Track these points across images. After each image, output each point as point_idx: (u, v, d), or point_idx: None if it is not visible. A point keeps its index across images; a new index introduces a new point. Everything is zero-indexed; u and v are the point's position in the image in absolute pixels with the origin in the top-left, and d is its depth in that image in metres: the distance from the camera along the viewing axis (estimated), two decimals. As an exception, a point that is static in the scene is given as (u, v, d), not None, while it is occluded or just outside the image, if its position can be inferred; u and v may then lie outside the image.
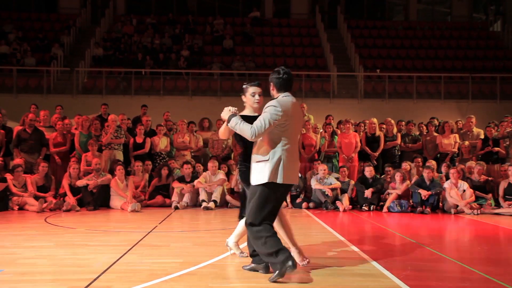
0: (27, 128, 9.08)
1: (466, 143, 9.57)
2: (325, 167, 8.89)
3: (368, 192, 8.55)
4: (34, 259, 4.35)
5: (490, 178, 8.73)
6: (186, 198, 8.55)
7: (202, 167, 9.26)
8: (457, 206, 8.20)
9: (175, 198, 8.52)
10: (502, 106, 14.91)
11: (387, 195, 8.60)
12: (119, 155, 9.25)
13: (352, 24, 19.97)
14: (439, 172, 9.05)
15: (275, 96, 3.81)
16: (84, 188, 8.27)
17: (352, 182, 9.00)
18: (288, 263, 3.49)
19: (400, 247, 5.32)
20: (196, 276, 3.79)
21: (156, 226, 6.38)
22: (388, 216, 7.98)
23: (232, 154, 10.30)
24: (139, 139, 9.54)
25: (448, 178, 8.56)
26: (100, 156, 8.91)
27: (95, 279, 3.64)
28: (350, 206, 8.62)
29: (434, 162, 9.04)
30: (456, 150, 9.64)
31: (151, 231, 5.93)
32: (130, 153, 9.51)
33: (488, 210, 8.16)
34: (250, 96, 3.95)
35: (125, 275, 3.80)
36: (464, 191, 8.25)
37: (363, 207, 8.52)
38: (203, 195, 8.46)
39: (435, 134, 9.86)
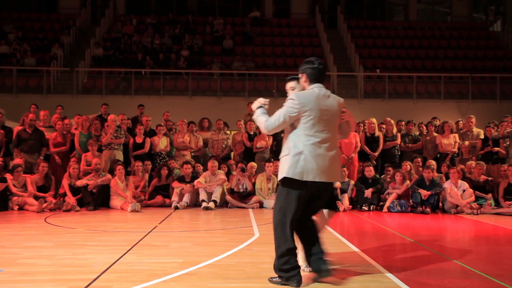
0: (27, 128, 9.08)
1: (466, 143, 9.57)
2: (324, 167, 8.87)
3: (368, 192, 8.55)
4: (34, 259, 4.35)
5: (490, 178, 8.72)
6: (186, 198, 8.55)
7: (202, 167, 9.27)
8: (457, 206, 8.21)
9: (175, 198, 8.52)
10: (502, 106, 14.92)
11: (387, 195, 8.60)
12: (119, 155, 9.25)
13: (352, 24, 19.97)
14: (439, 172, 9.05)
15: (306, 88, 3.65)
16: (84, 188, 8.27)
17: (352, 182, 9.00)
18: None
19: (400, 247, 5.32)
20: (195, 276, 3.79)
21: (156, 226, 6.38)
22: (388, 216, 7.98)
23: (232, 154, 10.31)
24: (139, 139, 9.54)
25: (448, 178, 8.56)
26: (100, 156, 8.91)
27: (95, 279, 3.64)
28: (350, 206, 8.62)
29: (434, 162, 9.04)
30: (456, 150, 9.64)
31: (151, 231, 5.93)
32: (130, 153, 9.52)
33: (488, 210, 8.16)
34: (289, 91, 3.87)
35: (124, 275, 3.80)
36: (464, 191, 8.25)
37: (363, 207, 8.52)
38: (203, 195, 8.45)
39: (435, 134, 9.86)
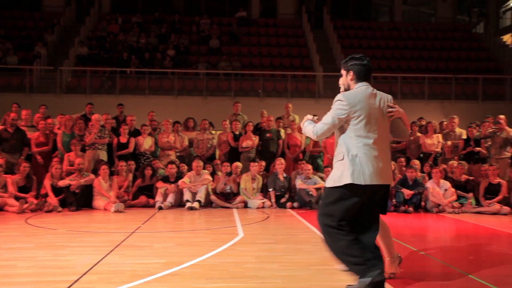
0: (9, 128, 8.95)
1: (449, 143, 9.68)
2: (309, 167, 8.93)
3: (352, 192, 8.59)
4: (14, 261, 4.29)
5: (471, 178, 8.84)
6: (170, 198, 8.51)
7: (186, 167, 9.24)
8: (439, 205, 8.30)
9: (159, 198, 8.47)
10: (484, 106, 15.12)
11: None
12: (103, 155, 9.16)
13: (338, 24, 20.07)
14: (422, 172, 9.14)
15: (352, 87, 3.49)
16: (67, 189, 8.17)
17: (337, 182, 9.03)
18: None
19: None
20: (179, 277, 3.78)
21: (140, 227, 6.34)
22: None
23: (217, 154, 10.30)
24: (123, 139, 9.47)
25: (430, 177, 8.65)
26: (83, 156, 8.82)
27: (76, 281, 3.61)
28: (335, 206, 8.65)
29: (417, 162, 9.13)
30: (440, 150, 9.75)
31: (134, 232, 5.89)
32: (114, 153, 9.44)
33: (469, 209, 8.27)
34: None
35: (107, 276, 3.77)
36: (446, 190, 8.35)
37: (347, 207, 8.56)
38: (187, 195, 8.42)
39: (418, 134, 9.95)
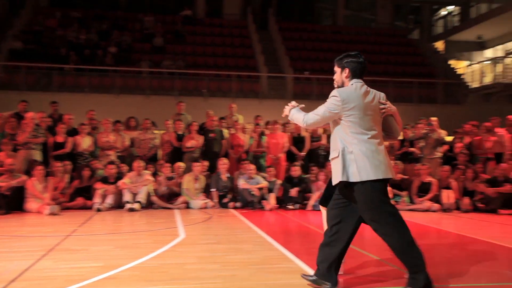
0: None
1: (386, 143, 10.04)
2: (252, 167, 8.99)
3: (293, 191, 8.75)
4: None
5: (406, 177, 9.25)
6: (110, 200, 8.25)
7: (127, 167, 9.01)
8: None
9: (97, 199, 8.19)
10: (419, 109, 15.88)
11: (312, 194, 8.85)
12: (37, 155, 8.73)
13: (283, 26, 20.35)
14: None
15: (346, 84, 3.48)
16: (-4, 191, 7.72)
17: (279, 182, 9.17)
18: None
19: (322, 244, 5.48)
20: (116, 280, 3.67)
21: (76, 230, 6.10)
22: (313, 214, 8.20)
23: (159, 154, 10.11)
24: (59, 138, 9.08)
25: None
26: (15, 156, 8.36)
27: (2, 288, 3.41)
28: (276, 205, 8.77)
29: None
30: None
31: (69, 235, 5.66)
32: (49, 153, 9.03)
33: (403, 206, 8.64)
34: None
35: (38, 282, 3.59)
36: (383, 189, 8.67)
37: (289, 206, 8.71)
38: (127, 196, 8.21)
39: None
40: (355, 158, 3.32)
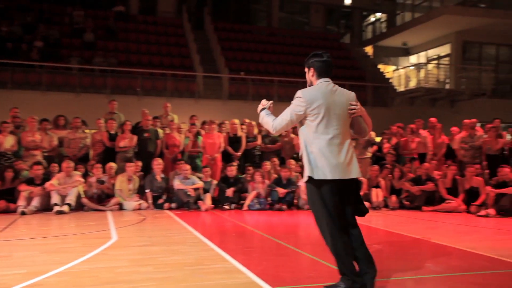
0: None
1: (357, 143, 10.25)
2: (188, 167, 8.89)
3: (229, 191, 8.77)
4: None
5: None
6: (36, 202, 7.81)
7: (57, 168, 8.57)
8: (310, 203, 8.82)
9: (21, 202, 7.71)
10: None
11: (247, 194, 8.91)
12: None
13: (219, 26, 20.29)
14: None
15: (314, 83, 3.51)
16: None
17: (215, 182, 9.14)
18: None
19: (258, 244, 5.54)
20: (41, 287, 3.47)
21: (-3, 235, 5.72)
22: (248, 214, 8.27)
23: (91, 154, 9.73)
24: (-21, 137, 8.47)
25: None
26: None
27: None
28: (212, 205, 8.74)
29: (293, 162, 9.59)
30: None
31: (-10, 241, 5.29)
32: (-32, 153, 8.40)
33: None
34: None
35: (-48, 292, 3.32)
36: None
37: (225, 206, 8.71)
38: (55, 199, 7.82)
39: (292, 136, 10.47)
40: (314, 157, 3.35)
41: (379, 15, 23.84)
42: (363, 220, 3.50)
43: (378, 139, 10.98)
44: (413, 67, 19.63)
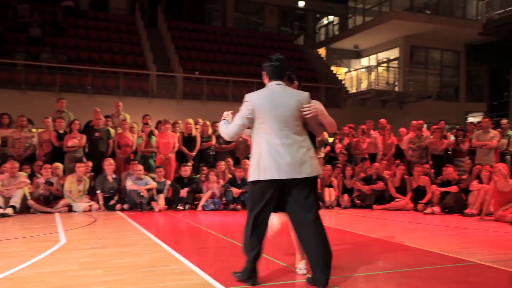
0: None
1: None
2: (140, 167, 8.72)
3: (183, 192, 8.67)
4: None
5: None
6: (-23, 205, 7.42)
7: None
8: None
9: (-40, 205, 7.31)
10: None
11: (202, 195, 8.84)
12: None
13: (172, 25, 20.04)
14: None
15: (267, 85, 3.60)
16: None
17: (168, 182, 9.02)
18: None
19: (212, 244, 5.51)
20: (-18, 294, 3.30)
21: None
22: (203, 214, 8.21)
23: (37, 154, 9.35)
24: None
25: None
26: None
27: None
28: (165, 206, 8.61)
29: (247, 162, 9.61)
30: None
31: None
32: None
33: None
34: None
35: None
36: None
37: (179, 207, 8.61)
38: (-2, 201, 7.46)
39: (246, 136, 10.49)
40: (258, 158, 3.43)
41: (331, 18, 24.34)
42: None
43: (330, 139, 11.21)
44: (364, 70, 20.18)
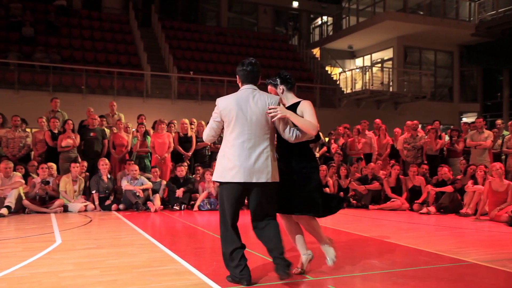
0: None
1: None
2: (136, 167, 8.70)
3: (179, 192, 8.65)
4: None
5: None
6: (-29, 205, 7.37)
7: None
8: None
9: (-45, 205, 7.26)
10: (298, 111, 16.73)
11: (198, 195, 8.84)
12: None
13: (166, 24, 19.98)
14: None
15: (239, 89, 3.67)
16: None
17: (164, 182, 9.00)
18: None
19: (209, 244, 5.51)
20: (-22, 295, 3.28)
21: None
22: (199, 214, 8.20)
23: (32, 154, 9.30)
24: None
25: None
26: None
27: None
28: (161, 206, 8.59)
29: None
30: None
31: None
32: None
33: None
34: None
35: None
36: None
37: (175, 207, 8.60)
38: (-7, 201, 7.41)
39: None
40: (220, 160, 3.56)
41: (325, 18, 24.38)
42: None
43: (325, 140, 11.24)
44: (358, 70, 20.24)
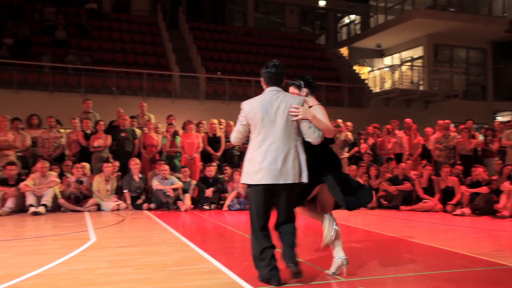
0: None
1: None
2: (166, 167, 8.81)
3: (209, 192, 8.72)
4: None
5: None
6: (10, 203, 7.62)
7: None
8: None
9: (-5, 204, 7.51)
10: (326, 111, 16.62)
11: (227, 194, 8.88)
12: None
13: (194, 26, 20.16)
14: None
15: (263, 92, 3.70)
16: None
17: (194, 182, 9.08)
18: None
19: (239, 244, 5.52)
20: (18, 290, 3.38)
21: (-30, 237, 5.53)
22: (228, 214, 8.24)
23: (66, 154, 9.54)
24: None
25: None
26: None
27: None
28: (191, 205, 8.68)
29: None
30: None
31: (-38, 243, 5.12)
32: None
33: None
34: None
35: None
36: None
37: (204, 206, 8.67)
38: (30, 199, 7.64)
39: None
40: (247, 162, 3.58)
41: (353, 17, 24.12)
42: (341, 219, 3.56)
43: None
44: (387, 69, 19.94)
